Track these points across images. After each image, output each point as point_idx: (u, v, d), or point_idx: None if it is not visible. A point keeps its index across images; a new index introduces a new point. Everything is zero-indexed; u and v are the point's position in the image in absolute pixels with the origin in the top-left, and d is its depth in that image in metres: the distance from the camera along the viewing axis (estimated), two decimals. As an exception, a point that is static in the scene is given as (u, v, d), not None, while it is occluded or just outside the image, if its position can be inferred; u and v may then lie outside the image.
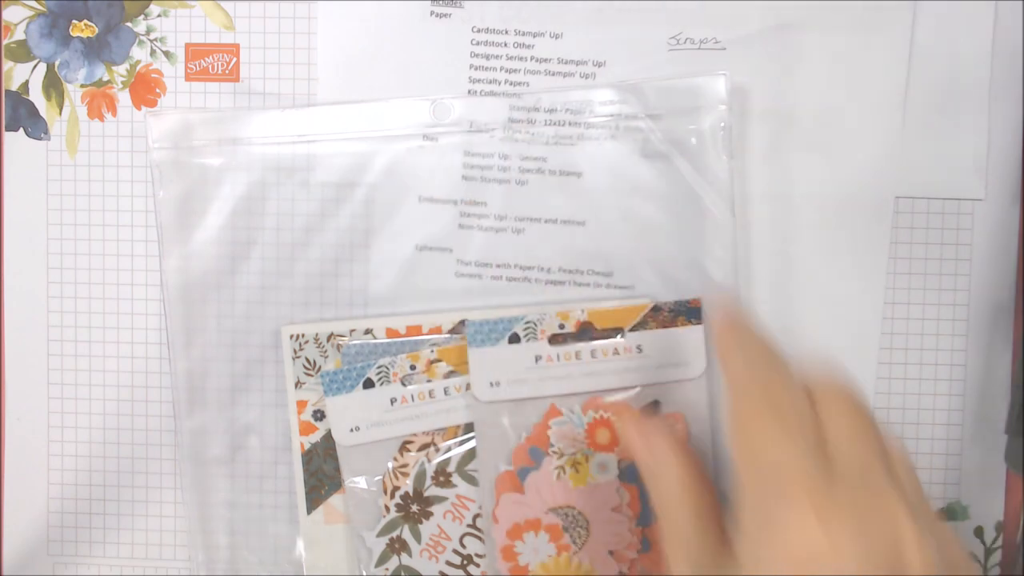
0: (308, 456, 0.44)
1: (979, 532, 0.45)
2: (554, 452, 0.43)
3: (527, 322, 0.43)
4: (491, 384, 0.43)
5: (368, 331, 0.44)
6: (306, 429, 0.44)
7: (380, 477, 0.43)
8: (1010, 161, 0.44)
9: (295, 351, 0.44)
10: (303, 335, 0.44)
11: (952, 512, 0.45)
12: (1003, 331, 0.44)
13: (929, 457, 0.45)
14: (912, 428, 0.45)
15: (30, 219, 0.47)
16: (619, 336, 0.43)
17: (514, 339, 0.42)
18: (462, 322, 0.44)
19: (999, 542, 0.45)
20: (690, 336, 0.43)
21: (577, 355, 0.43)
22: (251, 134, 0.44)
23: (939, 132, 0.44)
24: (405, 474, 0.43)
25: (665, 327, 0.43)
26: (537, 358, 0.43)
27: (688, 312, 0.43)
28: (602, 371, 0.43)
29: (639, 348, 0.43)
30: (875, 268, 0.44)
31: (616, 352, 0.43)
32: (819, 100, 0.44)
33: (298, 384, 0.44)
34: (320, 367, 0.44)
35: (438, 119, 0.44)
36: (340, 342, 0.44)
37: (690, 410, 0.43)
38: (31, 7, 0.46)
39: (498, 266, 0.45)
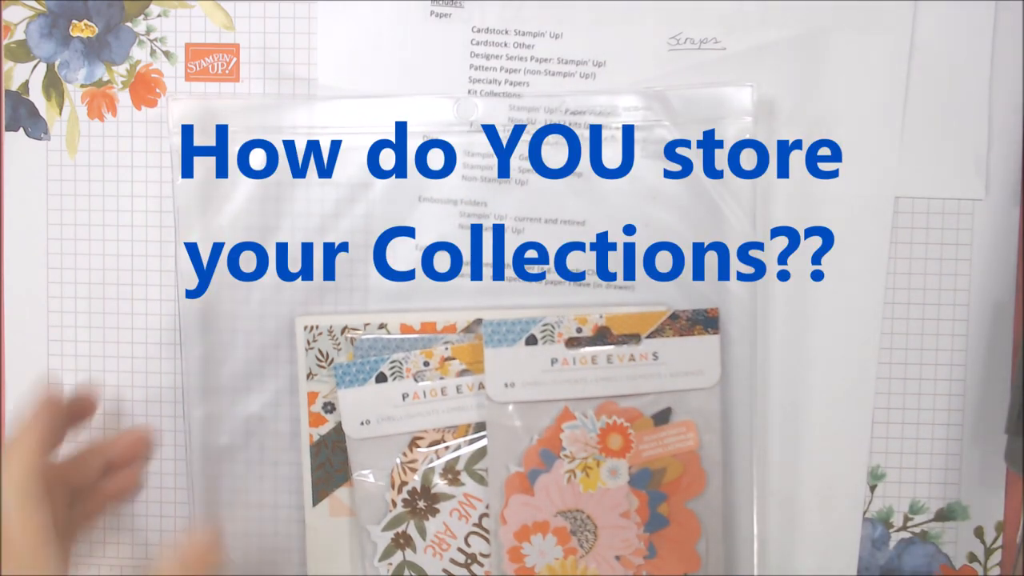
0: (316, 448, 0.44)
1: (979, 532, 0.45)
2: (565, 455, 0.43)
3: (545, 324, 0.43)
4: (505, 385, 0.43)
5: (382, 325, 0.44)
6: (316, 421, 0.44)
7: (388, 471, 0.43)
8: (1010, 161, 0.44)
9: (308, 342, 0.44)
10: (317, 327, 0.44)
11: (952, 512, 0.45)
12: (1003, 331, 0.44)
13: (929, 457, 0.45)
14: (912, 428, 0.45)
15: (30, 219, 0.47)
16: (636, 342, 0.43)
17: (531, 341, 0.42)
18: (477, 321, 0.44)
19: (999, 542, 0.45)
20: (706, 345, 0.43)
21: (593, 359, 0.43)
22: (271, 122, 0.44)
23: (939, 132, 0.44)
24: (413, 470, 0.43)
25: (682, 335, 0.43)
26: (553, 361, 0.43)
27: (705, 321, 0.43)
28: (617, 376, 0.43)
29: (655, 355, 0.43)
30: (875, 268, 0.44)
31: (632, 358, 0.43)
32: (819, 100, 0.44)
33: (310, 375, 0.44)
34: (333, 359, 0.44)
35: (461, 116, 0.44)
36: (354, 335, 0.44)
37: (703, 419, 0.43)
38: (31, 7, 0.46)
39: (515, 266, 0.45)
